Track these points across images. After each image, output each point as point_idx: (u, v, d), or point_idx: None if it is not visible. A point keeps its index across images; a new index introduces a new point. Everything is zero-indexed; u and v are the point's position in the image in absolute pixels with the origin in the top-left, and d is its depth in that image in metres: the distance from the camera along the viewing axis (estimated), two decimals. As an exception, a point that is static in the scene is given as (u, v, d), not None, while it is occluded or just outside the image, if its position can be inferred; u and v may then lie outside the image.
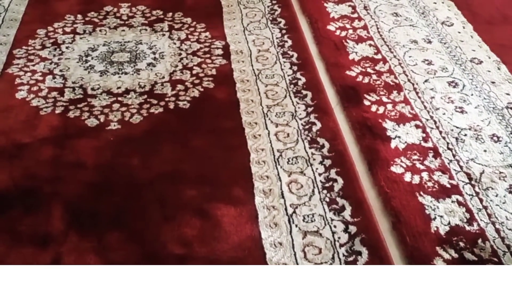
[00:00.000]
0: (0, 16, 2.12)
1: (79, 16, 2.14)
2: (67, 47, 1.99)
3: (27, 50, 1.96)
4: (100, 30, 2.08)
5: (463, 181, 1.51)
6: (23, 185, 1.48)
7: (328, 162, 1.56)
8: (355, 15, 2.21)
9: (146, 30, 2.10)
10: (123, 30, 2.09)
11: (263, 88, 1.84)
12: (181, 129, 1.67)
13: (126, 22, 2.13)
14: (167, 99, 1.77)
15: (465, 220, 1.41)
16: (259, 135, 1.65)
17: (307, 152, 1.59)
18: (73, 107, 1.73)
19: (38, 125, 1.67)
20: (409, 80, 1.87)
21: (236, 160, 1.58)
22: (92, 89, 1.80)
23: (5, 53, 1.94)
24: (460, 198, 1.46)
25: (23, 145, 1.60)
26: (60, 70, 1.88)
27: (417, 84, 1.85)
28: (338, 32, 2.11)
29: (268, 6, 2.27)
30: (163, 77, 1.86)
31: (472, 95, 1.80)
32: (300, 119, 1.71)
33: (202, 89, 1.83)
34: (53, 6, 2.20)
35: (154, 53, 1.98)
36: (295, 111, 1.74)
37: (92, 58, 1.94)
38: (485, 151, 1.60)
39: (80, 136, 1.63)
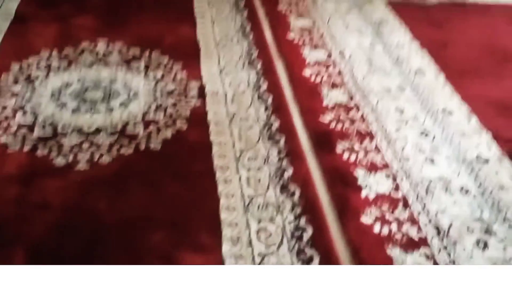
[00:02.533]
0: (-27, 49, 2.11)
1: (55, 52, 2.13)
2: (40, 83, 1.97)
3: (-1, 85, 1.94)
4: (75, 67, 2.07)
5: (431, 234, 1.51)
6: (-16, 226, 1.44)
7: (298, 209, 1.55)
8: (330, 61, 2.24)
9: (121, 68, 2.09)
10: (98, 67, 2.08)
11: (236, 131, 1.84)
12: (151, 172, 1.65)
13: (102, 59, 2.12)
14: (138, 140, 1.76)
15: (432, 274, 1.40)
16: (230, 180, 1.64)
17: (277, 199, 1.59)
18: (42, 145, 1.70)
19: (5, 162, 1.63)
20: (381, 129, 1.89)
21: (206, 205, 1.56)
22: (63, 127, 1.78)
23: (-24, 87, 1.92)
24: (428, 252, 1.46)
25: (-13, 183, 1.56)
26: (31, 107, 1.85)
27: (389, 132, 1.87)
28: (313, 78, 2.13)
29: (245, 49, 2.29)
30: (136, 117, 1.85)
31: (442, 145, 1.83)
32: (272, 164, 1.71)
33: (174, 131, 1.82)
34: (29, 41, 2.18)
35: (128, 91, 1.97)
36: (268, 156, 1.74)
37: (65, 95, 1.92)
38: (454, 203, 1.61)
39: (47, 175, 1.60)
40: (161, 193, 1.58)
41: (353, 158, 1.75)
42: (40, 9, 2.40)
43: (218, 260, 1.40)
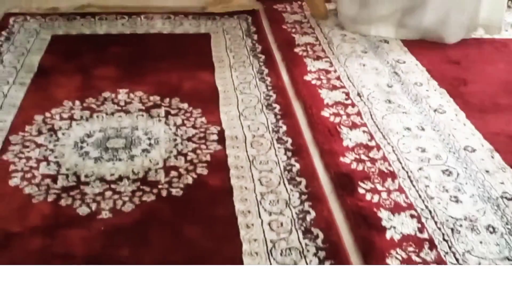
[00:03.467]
0: (-2, 101, 2.16)
1: (77, 102, 2.18)
2: (63, 133, 2.00)
3: (23, 136, 1.98)
4: (97, 116, 2.11)
5: (460, 275, 1.47)
6: (9, 278, 1.44)
7: (322, 254, 1.53)
8: (349, 101, 2.24)
9: (142, 115, 2.12)
10: (120, 116, 2.11)
11: (257, 175, 1.84)
12: (173, 218, 1.65)
13: (123, 108, 2.16)
14: (160, 186, 1.77)
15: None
16: (252, 225, 1.63)
17: (300, 243, 1.57)
18: (66, 195, 1.72)
19: (30, 213, 1.65)
20: (403, 168, 1.87)
21: (229, 251, 1.55)
22: (86, 176, 1.80)
23: (1, 140, 1.95)
24: (457, 294, 1.42)
25: (12, 235, 1.57)
26: (55, 157, 1.88)
27: (411, 172, 1.85)
28: (332, 118, 2.13)
29: (263, 92, 2.31)
30: (157, 164, 1.87)
31: (466, 184, 1.80)
32: (294, 207, 1.70)
33: (195, 176, 1.82)
34: (52, 93, 2.23)
35: (149, 139, 1.99)
36: (289, 199, 1.73)
37: (87, 145, 1.95)
38: (481, 242, 1.57)
39: (70, 225, 1.61)
40: (184, 239, 1.58)
41: (376, 198, 1.73)
42: (62, 62, 2.46)
43: (243, 307, 1.38)
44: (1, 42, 2.58)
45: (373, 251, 1.55)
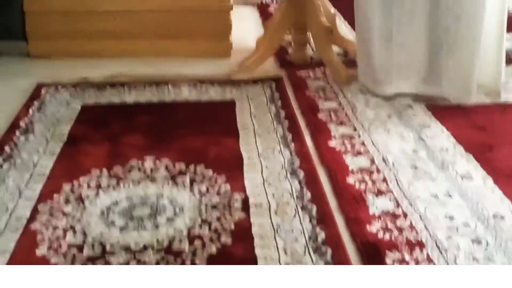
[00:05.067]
0: (28, 172, 2.21)
1: (105, 171, 2.22)
2: (90, 202, 2.03)
3: (51, 205, 2.01)
4: (123, 184, 2.14)
5: None
6: None
7: (349, 328, 1.49)
8: (374, 168, 2.24)
9: (168, 183, 2.14)
10: (146, 184, 2.14)
11: (281, 244, 1.82)
12: (197, 290, 1.64)
13: (149, 176, 2.19)
14: (184, 256, 1.76)
15: None
16: (277, 297, 1.60)
17: (327, 317, 1.53)
18: (91, 265, 1.72)
19: (54, 284, 1.65)
20: (431, 237, 1.83)
21: (253, 324, 1.52)
22: (111, 245, 1.81)
23: (29, 209, 1.99)
24: None
25: (37, 306, 1.57)
26: (81, 226, 1.90)
27: (439, 241, 1.81)
28: (357, 185, 2.12)
29: (287, 158, 2.32)
30: (182, 233, 1.87)
31: (496, 253, 1.75)
32: (320, 278, 1.67)
33: (219, 245, 1.82)
34: (80, 161, 2.28)
35: (174, 207, 2.00)
36: (315, 269, 1.70)
37: (113, 213, 1.97)
38: (516, 317, 1.51)
39: (94, 297, 1.61)
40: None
41: (403, 269, 1.69)
42: (91, 130, 2.53)
43: None
44: (32, 112, 2.67)
45: (402, 325, 1.50)
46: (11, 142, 2.41)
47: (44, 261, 1.75)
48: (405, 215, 1.94)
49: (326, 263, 1.72)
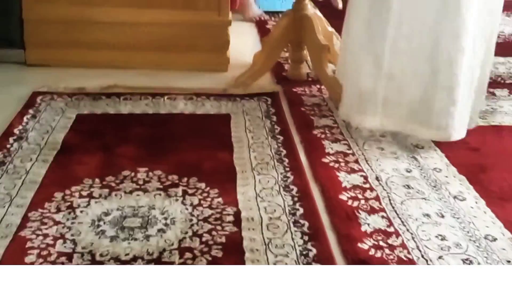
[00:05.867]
0: (20, 179, 2.20)
1: (97, 180, 2.21)
2: (81, 211, 2.02)
3: (42, 213, 2.00)
4: (115, 195, 2.13)
5: None
6: None
7: None
8: (367, 185, 2.24)
9: (160, 195, 2.14)
10: (138, 195, 2.13)
11: (272, 259, 1.81)
12: (186, 303, 1.62)
13: (142, 187, 2.18)
14: (174, 268, 1.75)
15: None
16: (266, 312, 1.59)
17: (316, 333, 1.52)
18: (91, 265, 1.71)
19: (42, 292, 1.64)
20: (422, 256, 1.83)
21: None
22: (101, 255, 1.79)
23: (20, 216, 1.97)
24: None
25: (23, 314, 1.55)
26: (72, 235, 1.89)
27: (430, 260, 1.81)
28: (350, 202, 2.12)
29: (281, 173, 2.32)
30: (172, 244, 1.86)
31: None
32: (310, 294, 1.66)
33: (210, 258, 1.80)
34: (73, 170, 2.27)
35: (165, 218, 1.99)
36: (305, 285, 1.69)
37: (104, 223, 1.96)
38: None
39: (82, 306, 1.59)
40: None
41: (394, 288, 1.68)
42: (85, 140, 2.52)
43: None
44: (27, 120, 2.66)
45: None
46: (4, 149, 2.40)
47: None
48: (397, 234, 1.94)
49: (317, 279, 1.71)
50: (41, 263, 1.75)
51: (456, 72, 2.42)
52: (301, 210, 2.07)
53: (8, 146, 2.42)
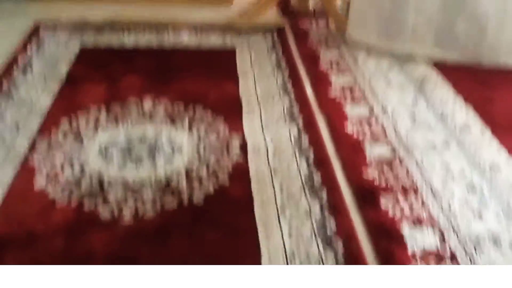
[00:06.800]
0: (26, 108, 2.20)
1: (103, 110, 2.21)
2: (88, 139, 2.03)
3: (49, 141, 2.01)
4: (122, 124, 2.13)
5: (483, 293, 1.44)
6: (30, 278, 1.46)
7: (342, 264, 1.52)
8: (373, 117, 2.23)
9: (166, 124, 2.14)
10: (144, 124, 2.14)
11: (278, 186, 1.83)
12: (194, 226, 1.66)
13: (148, 116, 2.18)
14: (181, 195, 1.77)
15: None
16: (272, 235, 1.63)
17: (320, 254, 1.55)
18: (88, 200, 1.74)
19: (53, 216, 1.67)
20: (426, 184, 1.85)
21: (248, 260, 1.54)
22: (109, 182, 1.82)
23: (27, 144, 1.99)
24: (480, 311, 1.39)
25: (36, 236, 1.59)
26: (79, 162, 1.91)
27: (434, 187, 1.83)
28: (355, 133, 2.12)
29: (286, 105, 2.32)
30: (180, 172, 1.88)
31: (491, 201, 1.77)
32: (315, 218, 1.69)
33: (217, 186, 1.83)
34: (79, 100, 2.27)
35: (172, 147, 2.01)
36: (310, 210, 1.72)
37: (111, 151, 1.97)
38: (504, 259, 1.54)
39: (92, 229, 1.63)
40: (203, 247, 1.58)
41: (398, 213, 1.71)
42: (90, 71, 2.51)
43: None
44: (31, 51, 2.64)
45: (394, 264, 1.53)
46: (9, 79, 2.39)
47: (42, 194, 1.76)
48: (402, 163, 1.95)
49: (321, 205, 1.74)
50: (50, 189, 1.77)
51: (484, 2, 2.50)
52: (307, 140, 2.08)
53: (13, 76, 2.42)
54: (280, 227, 1.65)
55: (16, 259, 1.51)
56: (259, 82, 2.49)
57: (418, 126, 2.18)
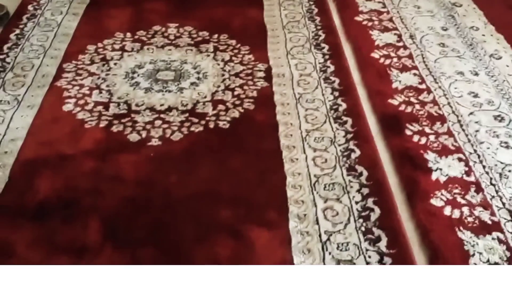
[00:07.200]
0: (52, 31, 2.20)
1: (128, 34, 2.20)
2: (115, 64, 2.04)
3: (76, 65, 2.02)
4: (147, 49, 2.13)
5: (505, 218, 1.46)
6: (64, 196, 1.52)
7: (365, 190, 1.54)
8: (401, 44, 2.19)
9: (191, 50, 2.13)
10: (170, 50, 2.13)
11: (303, 112, 1.84)
12: (219, 149, 1.69)
13: (173, 42, 2.17)
14: (207, 118, 1.79)
15: (505, 259, 1.36)
16: (297, 159, 1.65)
17: (344, 179, 1.58)
18: (117, 122, 1.77)
19: (82, 137, 1.71)
20: (453, 112, 1.83)
21: (272, 182, 1.57)
22: (136, 105, 1.84)
23: (55, 67, 2.01)
24: (501, 236, 1.41)
25: (66, 157, 1.64)
26: (107, 86, 1.93)
27: (461, 116, 1.81)
28: (382, 60, 2.09)
29: (312, 31, 2.28)
30: (205, 97, 1.89)
31: (518, 130, 1.76)
32: (339, 145, 1.70)
33: (242, 110, 1.84)
34: (104, 24, 2.26)
35: (198, 73, 2.01)
36: (334, 137, 1.73)
37: (138, 75, 1.98)
38: (529, 188, 1.55)
39: (121, 150, 1.66)
40: (229, 170, 1.61)
41: (423, 141, 1.71)
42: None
43: (285, 236, 1.41)
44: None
45: (417, 191, 1.54)
46: (33, 1, 2.38)
47: (71, 115, 1.79)
48: (429, 91, 1.93)
49: (346, 131, 1.74)
50: (78, 112, 1.80)
51: None
52: (332, 67, 2.06)
53: None
54: (305, 152, 1.67)
55: (50, 181, 1.56)
56: (284, 9, 2.44)
57: (447, 54, 2.13)
